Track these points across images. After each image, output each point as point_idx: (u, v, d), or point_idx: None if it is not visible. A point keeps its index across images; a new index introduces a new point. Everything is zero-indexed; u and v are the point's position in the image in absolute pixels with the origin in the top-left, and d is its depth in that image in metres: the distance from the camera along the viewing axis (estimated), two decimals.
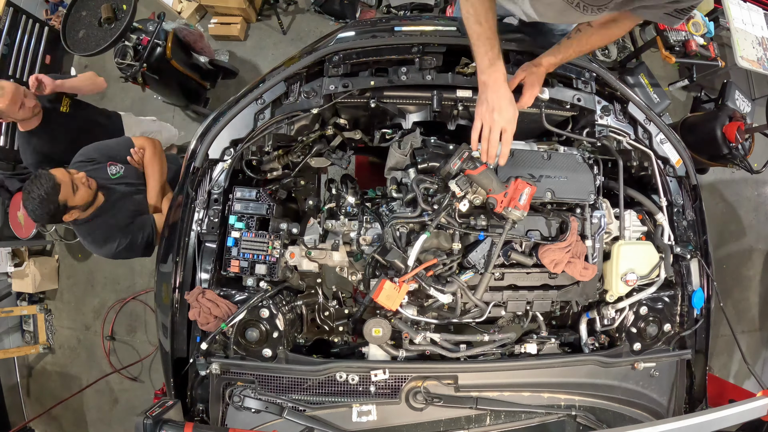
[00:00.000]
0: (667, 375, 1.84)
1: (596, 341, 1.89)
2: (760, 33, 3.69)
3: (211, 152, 1.84)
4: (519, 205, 1.56)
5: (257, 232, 1.75)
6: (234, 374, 1.68)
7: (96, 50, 2.91)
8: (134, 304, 3.89)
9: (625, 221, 1.83)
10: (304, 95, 1.80)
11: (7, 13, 3.68)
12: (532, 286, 1.78)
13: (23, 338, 4.07)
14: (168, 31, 3.22)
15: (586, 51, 1.71)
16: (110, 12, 2.91)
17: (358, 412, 1.63)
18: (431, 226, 1.64)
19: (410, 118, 1.89)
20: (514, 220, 1.59)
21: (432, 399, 1.65)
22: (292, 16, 4.27)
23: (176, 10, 4.05)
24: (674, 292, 1.87)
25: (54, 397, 3.88)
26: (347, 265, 1.90)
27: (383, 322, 1.68)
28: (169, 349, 1.77)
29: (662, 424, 1.41)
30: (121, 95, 4.11)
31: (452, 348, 1.76)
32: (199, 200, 1.81)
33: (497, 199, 1.58)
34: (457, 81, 1.80)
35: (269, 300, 1.69)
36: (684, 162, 1.96)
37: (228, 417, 1.68)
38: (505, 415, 1.71)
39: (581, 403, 1.75)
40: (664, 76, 4.07)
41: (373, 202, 1.90)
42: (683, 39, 3.32)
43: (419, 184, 1.67)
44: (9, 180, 3.62)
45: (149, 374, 3.84)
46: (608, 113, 1.89)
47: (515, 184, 1.58)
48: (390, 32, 1.99)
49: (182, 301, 1.73)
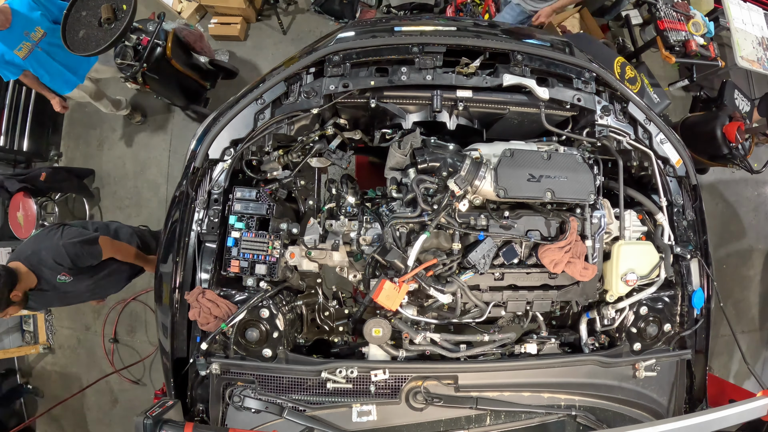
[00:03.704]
0: (667, 375, 1.84)
1: (596, 341, 1.89)
2: (760, 33, 3.69)
3: (211, 152, 1.84)
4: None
5: (257, 232, 1.75)
6: (234, 374, 1.68)
7: (96, 50, 2.90)
8: (134, 305, 3.89)
9: (625, 221, 1.83)
10: (304, 95, 1.80)
11: None
12: (532, 286, 1.78)
13: (23, 338, 4.07)
14: (168, 31, 3.22)
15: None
16: (110, 12, 2.91)
17: (358, 412, 1.63)
18: (431, 226, 1.64)
19: (410, 118, 1.89)
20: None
21: (432, 399, 1.65)
22: (292, 16, 4.27)
23: (176, 10, 4.05)
24: (674, 292, 1.87)
25: (54, 397, 3.88)
26: (347, 265, 1.90)
27: (383, 322, 1.68)
28: (169, 349, 1.78)
29: (662, 424, 1.41)
30: (121, 95, 4.11)
31: (452, 348, 1.76)
32: (199, 200, 1.81)
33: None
34: (458, 81, 1.80)
35: (269, 300, 1.69)
36: (684, 162, 1.96)
37: (228, 417, 1.68)
38: (505, 415, 1.71)
39: (581, 403, 1.75)
40: (664, 76, 4.08)
41: (373, 202, 1.91)
42: (683, 39, 3.32)
43: (419, 184, 1.67)
44: (9, 180, 3.62)
45: (149, 374, 3.84)
46: (608, 113, 1.89)
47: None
48: (390, 32, 1.99)
49: (182, 301, 1.73)
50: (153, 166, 4.06)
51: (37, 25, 2.86)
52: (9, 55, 2.87)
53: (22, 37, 2.83)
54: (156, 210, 3.97)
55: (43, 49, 2.94)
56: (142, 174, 4.03)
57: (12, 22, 2.75)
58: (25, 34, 2.83)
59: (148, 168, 4.05)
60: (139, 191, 4.05)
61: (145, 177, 4.03)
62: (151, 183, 4.03)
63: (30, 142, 4.05)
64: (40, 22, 2.87)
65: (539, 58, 1.88)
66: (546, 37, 2.27)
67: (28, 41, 2.86)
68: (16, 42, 2.83)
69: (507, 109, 1.85)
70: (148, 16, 3.27)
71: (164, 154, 4.05)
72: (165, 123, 4.07)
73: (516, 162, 1.67)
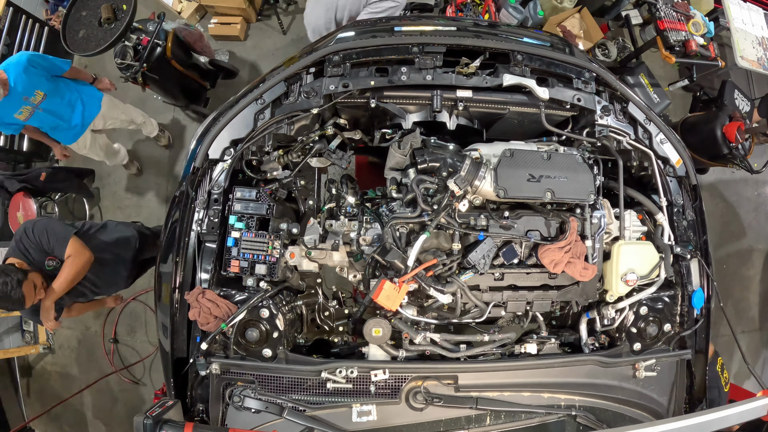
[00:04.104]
0: (667, 375, 1.84)
1: (596, 341, 1.89)
2: (760, 33, 3.69)
3: (211, 152, 1.84)
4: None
5: (257, 232, 1.75)
6: (234, 374, 1.68)
7: (96, 50, 2.91)
8: (134, 305, 3.89)
9: (625, 221, 1.83)
10: (304, 95, 1.80)
11: (7, 13, 3.68)
12: (531, 287, 1.79)
13: (23, 338, 4.06)
14: (168, 31, 3.22)
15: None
16: (110, 12, 2.91)
17: (358, 412, 1.63)
18: (431, 226, 1.64)
19: (410, 118, 1.89)
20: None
21: (432, 399, 1.65)
22: (292, 16, 4.26)
23: (176, 10, 4.05)
24: (674, 292, 1.87)
25: (54, 397, 3.88)
26: (347, 265, 1.90)
27: (383, 322, 1.68)
28: (169, 349, 1.78)
29: (662, 424, 1.41)
30: (121, 95, 4.10)
31: (452, 348, 1.76)
32: (199, 200, 1.81)
33: None
34: (458, 81, 1.80)
35: (269, 300, 1.69)
36: (684, 162, 1.96)
37: (228, 417, 1.68)
38: (505, 415, 1.71)
39: (581, 403, 1.75)
40: (664, 76, 4.07)
41: (373, 203, 1.90)
42: (683, 39, 3.31)
43: (419, 185, 1.67)
44: (9, 180, 3.61)
45: (149, 374, 3.83)
46: (608, 113, 1.89)
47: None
48: (390, 32, 1.99)
49: (182, 301, 1.73)
50: (153, 166, 4.06)
51: (36, 89, 2.73)
52: (9, 119, 2.77)
53: (22, 102, 2.71)
54: (156, 210, 3.97)
55: (44, 110, 2.83)
56: (142, 174, 4.03)
57: (10, 89, 2.61)
58: (25, 99, 2.70)
59: (148, 168, 4.05)
60: (139, 191, 4.05)
61: (145, 177, 4.03)
62: (151, 183, 4.04)
63: (30, 142, 4.05)
64: (38, 85, 2.74)
65: (539, 58, 1.88)
66: (546, 37, 2.27)
67: (28, 105, 2.75)
68: (16, 107, 2.72)
69: (507, 109, 1.85)
70: (148, 16, 3.27)
71: (164, 154, 4.05)
72: (165, 123, 4.07)
73: (516, 162, 1.67)
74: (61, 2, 4.14)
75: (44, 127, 3.01)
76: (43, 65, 2.74)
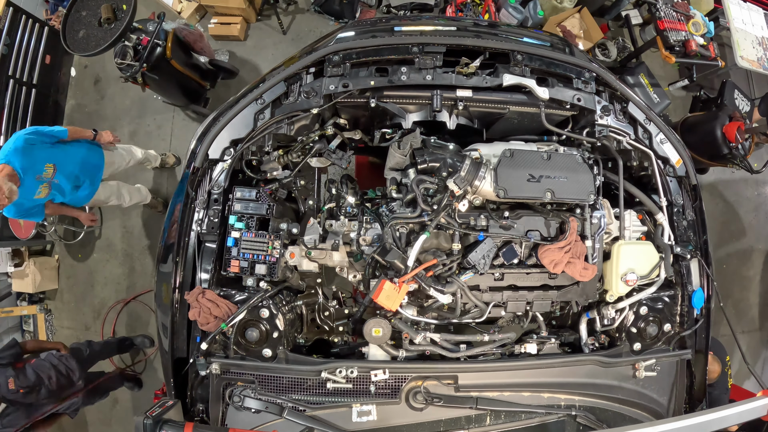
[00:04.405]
0: (667, 375, 1.84)
1: (596, 341, 1.89)
2: (760, 33, 3.69)
3: (211, 152, 1.84)
4: None
5: (257, 232, 1.75)
6: (234, 374, 1.68)
7: (96, 50, 2.91)
8: (134, 304, 3.89)
9: (625, 221, 1.83)
10: (304, 95, 1.80)
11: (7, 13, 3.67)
12: (531, 287, 1.79)
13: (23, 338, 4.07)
14: (168, 31, 3.22)
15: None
16: (110, 12, 2.91)
17: (358, 412, 1.64)
18: (431, 227, 1.65)
19: (410, 117, 1.89)
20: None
21: (432, 399, 1.65)
22: (292, 16, 4.27)
23: (176, 10, 4.05)
24: (674, 292, 1.87)
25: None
26: (347, 265, 1.90)
27: (383, 322, 1.68)
28: (169, 349, 1.78)
29: (662, 424, 1.41)
30: (121, 95, 4.11)
31: (452, 348, 1.76)
32: (199, 200, 1.81)
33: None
34: (458, 81, 1.80)
35: (269, 300, 1.69)
36: (684, 162, 1.97)
37: (228, 417, 1.68)
38: (505, 415, 1.71)
39: (581, 403, 1.75)
40: (664, 76, 4.07)
41: (373, 203, 1.91)
42: (683, 39, 3.32)
43: (419, 185, 1.68)
44: None
45: (149, 374, 3.84)
46: (608, 113, 1.89)
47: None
48: (390, 32, 1.99)
49: (182, 301, 1.73)
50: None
51: (44, 163, 2.62)
52: (30, 203, 2.69)
53: (36, 182, 2.61)
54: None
55: (60, 178, 2.75)
56: (143, 174, 4.03)
57: (21, 178, 2.51)
58: (38, 178, 2.60)
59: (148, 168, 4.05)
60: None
61: (146, 177, 4.03)
62: (152, 183, 4.03)
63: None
64: (45, 158, 2.63)
65: (539, 58, 1.88)
66: (546, 37, 2.27)
67: (44, 182, 2.65)
68: (34, 190, 2.63)
69: (507, 109, 1.85)
70: (148, 16, 3.27)
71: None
72: (165, 123, 4.07)
73: (516, 162, 1.67)
74: (61, 2, 4.14)
75: (66, 193, 2.87)
76: (41, 139, 2.64)
